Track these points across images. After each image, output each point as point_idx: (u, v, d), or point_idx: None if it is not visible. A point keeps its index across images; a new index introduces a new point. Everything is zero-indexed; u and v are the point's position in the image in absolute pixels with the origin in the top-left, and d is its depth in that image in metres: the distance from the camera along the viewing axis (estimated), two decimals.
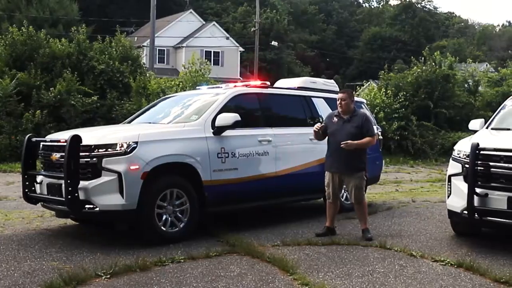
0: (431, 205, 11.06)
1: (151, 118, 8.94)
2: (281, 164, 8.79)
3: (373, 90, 26.53)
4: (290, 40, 64.16)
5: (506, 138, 7.86)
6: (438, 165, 22.38)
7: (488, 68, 35.25)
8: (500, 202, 6.94)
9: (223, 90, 8.89)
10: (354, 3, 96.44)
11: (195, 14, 53.58)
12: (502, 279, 5.89)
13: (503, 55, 64.96)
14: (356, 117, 7.92)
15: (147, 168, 7.09)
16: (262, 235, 7.90)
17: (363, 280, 5.87)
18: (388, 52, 71.47)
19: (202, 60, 25.47)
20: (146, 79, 22.10)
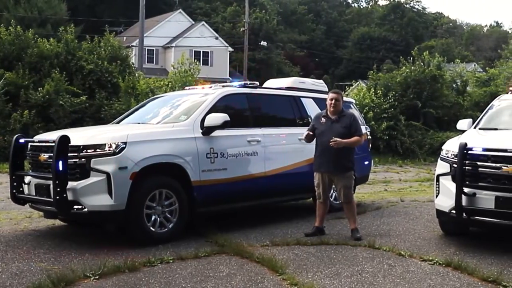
0: (419, 205, 11.10)
1: (140, 119, 8.92)
2: (270, 164, 8.80)
3: (362, 90, 26.60)
4: (279, 40, 64.19)
5: (494, 138, 7.92)
6: (426, 164, 22.46)
7: (476, 68, 35.47)
8: (488, 202, 6.99)
9: (212, 90, 8.88)
10: (343, 3, 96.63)
11: (184, 14, 53.50)
12: (490, 278, 5.93)
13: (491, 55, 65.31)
14: (344, 117, 7.94)
15: (136, 169, 7.07)
16: (251, 235, 7.90)
17: (352, 280, 5.89)
18: (377, 52, 71.67)
19: (191, 60, 25.43)
20: (135, 79, 22.04)
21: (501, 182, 6.91)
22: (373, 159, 14.23)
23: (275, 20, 63.11)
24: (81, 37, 25.47)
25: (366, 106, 24.38)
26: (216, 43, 51.09)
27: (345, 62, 74.47)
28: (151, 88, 21.45)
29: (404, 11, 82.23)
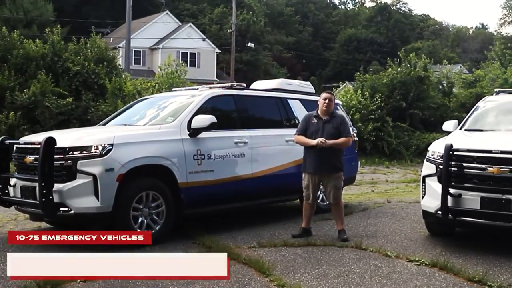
0: (406, 206, 11.15)
1: (127, 120, 8.89)
2: (257, 166, 8.80)
3: (349, 92, 26.73)
4: (266, 42, 64.26)
5: (479, 139, 7.98)
6: (413, 165, 22.59)
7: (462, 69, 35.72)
8: (473, 202, 7.04)
9: (199, 92, 8.88)
10: (330, 5, 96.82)
11: (171, 15, 53.38)
12: (476, 278, 5.98)
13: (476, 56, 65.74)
14: (335, 118, 7.98)
15: (122, 171, 7.05)
16: (238, 237, 7.90)
17: (339, 280, 5.91)
18: (364, 53, 71.90)
19: (178, 62, 25.40)
20: (122, 80, 21.93)
21: (486, 183, 6.97)
22: (360, 160, 14.28)
23: (262, 22, 63.15)
24: (68, 38, 25.36)
25: (353, 108, 24.48)
26: (203, 45, 51.02)
27: (332, 63, 74.66)
28: (138, 89, 21.37)
29: (391, 13, 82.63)
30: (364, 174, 18.94)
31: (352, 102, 24.89)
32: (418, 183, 11.16)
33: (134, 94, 20.53)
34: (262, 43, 61.33)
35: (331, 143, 7.72)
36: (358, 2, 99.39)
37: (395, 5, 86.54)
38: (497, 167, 6.88)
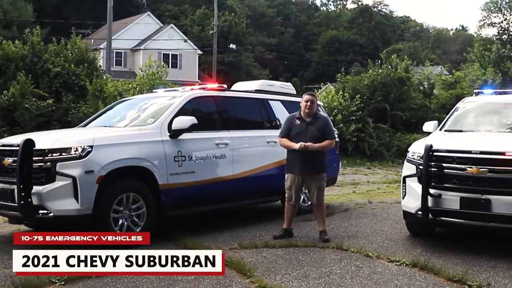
0: (387, 206, 11.20)
1: (107, 122, 8.84)
2: (238, 167, 8.79)
3: (331, 93, 26.81)
4: (248, 43, 64.28)
5: (459, 139, 8.03)
6: (394, 166, 22.72)
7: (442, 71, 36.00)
8: (453, 202, 7.09)
9: (180, 93, 8.84)
10: (311, 6, 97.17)
11: (153, 17, 53.15)
12: (455, 277, 6.02)
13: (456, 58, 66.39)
14: (319, 120, 8.00)
15: (102, 172, 7.00)
16: (220, 238, 7.88)
17: (320, 281, 5.91)
18: (346, 55, 72.22)
19: (159, 63, 25.31)
20: (103, 82, 21.81)
21: (466, 183, 7.02)
22: (341, 161, 14.31)
23: (244, 23, 63.12)
24: (48, 39, 25.17)
25: (335, 109, 24.59)
26: (185, 46, 50.87)
27: (314, 65, 74.86)
28: (119, 91, 21.27)
29: (372, 14, 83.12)
30: (346, 175, 19.01)
31: (334, 104, 24.99)
32: (399, 184, 11.21)
33: (115, 95, 20.42)
34: (244, 45, 61.33)
35: (317, 147, 7.73)
36: (340, 4, 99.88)
37: (376, 7, 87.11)
38: (476, 167, 6.94)
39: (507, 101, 9.20)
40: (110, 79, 23.28)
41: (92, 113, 16.72)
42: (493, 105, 9.25)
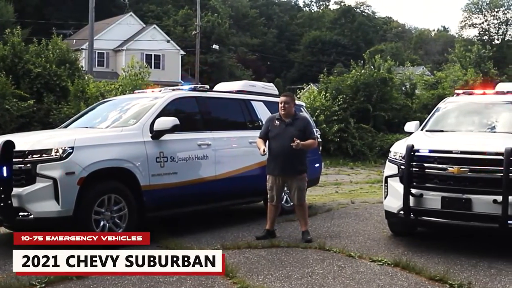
0: (369, 206, 11.25)
1: (88, 123, 8.78)
2: (221, 168, 8.77)
3: (313, 93, 26.87)
4: (231, 44, 64.28)
5: (440, 139, 8.09)
6: (377, 166, 22.82)
7: (424, 71, 36.25)
8: (434, 202, 7.14)
9: (162, 94, 8.81)
10: (294, 7, 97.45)
11: (135, 17, 52.99)
12: (437, 277, 6.06)
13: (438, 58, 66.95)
14: (298, 121, 8.00)
15: (83, 174, 6.94)
16: (202, 239, 7.86)
17: (302, 282, 5.92)
18: (328, 55, 72.49)
19: (141, 64, 25.22)
20: (85, 82, 21.66)
21: (447, 182, 7.08)
22: (324, 161, 14.33)
23: (227, 24, 63.10)
24: (29, 39, 24.93)
25: (317, 109, 24.64)
26: (168, 47, 50.78)
27: (297, 65, 75.07)
28: (101, 91, 21.16)
29: (355, 15, 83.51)
30: (329, 175, 19.07)
31: (316, 104, 25.05)
32: (382, 184, 11.28)
33: (97, 96, 20.32)
34: (227, 45, 61.32)
35: (302, 145, 7.70)
36: (323, 5, 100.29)
37: (358, 8, 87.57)
38: (457, 167, 6.99)
39: (487, 101, 9.27)
40: (92, 79, 23.13)
41: (74, 114, 16.59)
42: (474, 105, 9.32)
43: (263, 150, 7.81)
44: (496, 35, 68.73)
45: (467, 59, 32.31)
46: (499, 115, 8.90)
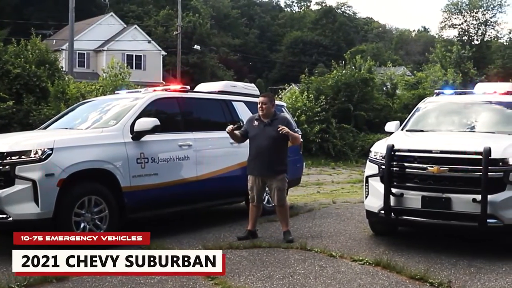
0: (351, 206, 11.29)
1: (68, 124, 8.70)
2: (202, 169, 8.74)
3: (295, 94, 26.92)
4: (212, 44, 64.15)
5: (420, 139, 8.14)
6: (358, 166, 22.91)
7: (405, 71, 36.50)
8: (414, 201, 7.20)
9: (142, 95, 8.76)
10: (276, 7, 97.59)
11: (116, 17, 52.70)
12: (417, 275, 6.11)
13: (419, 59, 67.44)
14: (277, 121, 7.99)
15: (63, 175, 6.88)
16: (184, 240, 7.84)
17: (284, 282, 5.93)
18: (310, 56, 72.68)
19: (121, 64, 25.11)
20: (65, 83, 21.50)
21: (427, 182, 7.14)
22: (306, 161, 14.38)
23: (208, 24, 63.03)
24: (8, 40, 24.71)
25: (299, 110, 24.70)
26: (149, 47, 50.58)
27: (279, 66, 75.16)
28: (81, 92, 21.02)
29: (336, 15, 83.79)
30: (310, 175, 19.13)
31: (298, 104, 25.11)
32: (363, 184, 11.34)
33: (77, 97, 20.18)
34: (209, 46, 61.20)
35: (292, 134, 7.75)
36: (304, 5, 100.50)
37: (340, 8, 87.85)
38: (437, 166, 7.05)
39: (467, 101, 9.36)
40: (73, 80, 22.99)
41: (54, 115, 16.45)
42: (454, 105, 9.41)
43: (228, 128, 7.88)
44: (475, 35, 69.43)
45: (447, 60, 32.61)
46: (479, 115, 8.98)
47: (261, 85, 51.63)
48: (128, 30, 50.91)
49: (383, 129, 9.60)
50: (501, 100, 9.09)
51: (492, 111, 9.02)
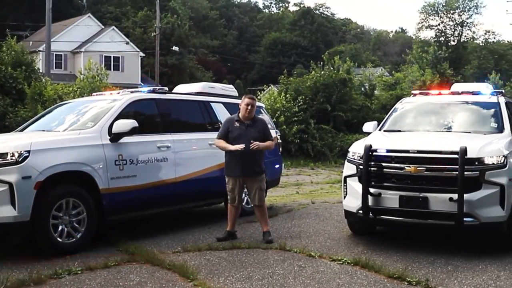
0: (330, 206, 11.33)
1: (45, 126, 8.61)
2: (181, 170, 8.72)
3: (273, 95, 26.97)
4: (191, 45, 64.01)
5: (397, 139, 8.21)
6: (337, 166, 23.02)
7: (383, 72, 36.79)
8: (392, 201, 7.25)
9: (120, 96, 8.71)
10: (254, 8, 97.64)
11: (94, 18, 52.29)
12: (395, 274, 6.16)
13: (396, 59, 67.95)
14: (258, 123, 8.05)
15: (40, 178, 6.81)
16: (162, 242, 7.81)
17: (263, 282, 5.94)
18: (288, 57, 72.87)
19: (99, 66, 24.96)
20: (42, 85, 21.33)
21: (404, 181, 7.20)
22: (285, 162, 14.41)
23: (187, 25, 62.84)
24: None
25: (278, 111, 24.74)
26: (127, 48, 50.29)
27: (257, 67, 75.26)
28: (59, 94, 20.86)
29: (314, 17, 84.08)
30: (290, 176, 19.17)
31: (276, 105, 25.15)
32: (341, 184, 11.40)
33: (55, 99, 20.02)
34: (187, 47, 61.03)
35: (263, 146, 7.84)
36: (282, 6, 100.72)
37: (318, 9, 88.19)
38: (414, 166, 7.11)
39: (443, 102, 9.45)
40: (50, 82, 22.78)
41: (31, 117, 16.33)
42: (430, 106, 9.50)
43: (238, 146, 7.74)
44: (452, 36, 70.01)
45: (424, 60, 32.90)
46: (455, 115, 9.08)
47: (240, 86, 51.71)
48: (106, 31, 50.55)
49: (361, 129, 9.67)
50: (478, 100, 9.20)
51: (468, 111, 9.13)
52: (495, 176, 7.00)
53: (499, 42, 71.59)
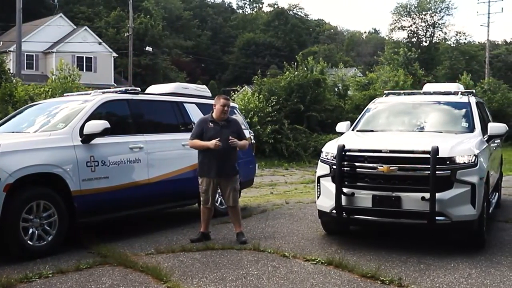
0: (304, 206, 11.34)
1: (15, 127, 8.47)
2: (154, 171, 8.65)
3: (247, 95, 26.97)
4: (165, 46, 63.78)
5: (370, 139, 8.26)
6: (311, 166, 23.10)
7: (356, 72, 37.06)
8: (365, 201, 7.28)
9: (92, 97, 8.61)
10: (228, 9, 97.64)
11: (65, 18, 51.80)
12: (369, 274, 6.19)
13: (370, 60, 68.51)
14: (232, 123, 8.05)
15: (10, 180, 6.69)
16: (135, 244, 7.74)
17: (237, 283, 5.92)
18: (262, 57, 73.00)
19: (71, 66, 24.71)
20: (12, 85, 21.04)
21: (377, 181, 7.22)
22: (259, 162, 14.40)
23: (160, 26, 62.61)
24: None
25: (251, 111, 24.74)
26: (100, 49, 49.91)
27: (231, 67, 75.24)
28: (30, 95, 20.60)
29: (288, 17, 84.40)
30: (264, 176, 19.18)
31: (250, 106, 25.15)
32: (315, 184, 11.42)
33: (26, 100, 19.77)
34: (161, 47, 60.80)
35: (241, 144, 7.89)
36: (256, 7, 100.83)
37: (291, 10, 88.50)
38: (386, 166, 7.14)
39: (415, 102, 9.53)
40: (21, 82, 22.50)
41: (1, 118, 16.05)
42: (403, 106, 9.58)
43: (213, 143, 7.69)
44: (424, 37, 70.78)
45: (395, 61, 33.23)
46: (427, 114, 9.16)
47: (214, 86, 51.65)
48: (78, 31, 50.11)
49: (335, 129, 9.69)
50: (449, 100, 9.30)
51: (440, 111, 9.22)
52: (466, 175, 7.07)
53: (470, 43, 72.60)
